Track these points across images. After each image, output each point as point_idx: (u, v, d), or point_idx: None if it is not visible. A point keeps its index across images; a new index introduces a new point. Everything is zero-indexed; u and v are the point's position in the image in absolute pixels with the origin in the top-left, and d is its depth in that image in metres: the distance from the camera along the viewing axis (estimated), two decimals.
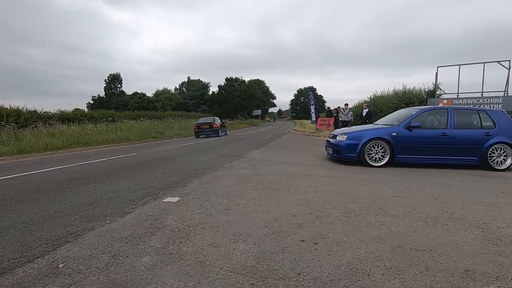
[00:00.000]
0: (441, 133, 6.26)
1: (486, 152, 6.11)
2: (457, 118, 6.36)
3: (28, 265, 2.08)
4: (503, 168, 6.08)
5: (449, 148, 6.24)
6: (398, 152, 6.31)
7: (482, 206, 3.46)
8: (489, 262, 2.10)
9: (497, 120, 6.29)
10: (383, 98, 15.75)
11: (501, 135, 6.14)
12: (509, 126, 6.25)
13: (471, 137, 6.24)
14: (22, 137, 11.48)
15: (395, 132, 6.36)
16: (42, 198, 3.86)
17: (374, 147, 6.37)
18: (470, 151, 6.21)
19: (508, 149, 6.09)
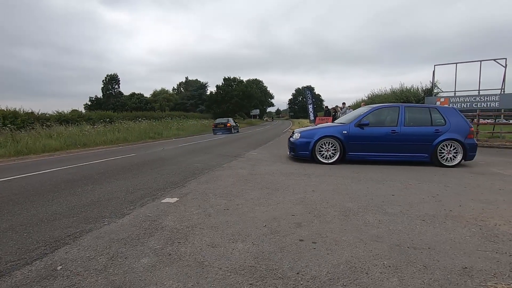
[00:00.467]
0: (391, 130, 6.39)
1: (435, 149, 6.23)
2: (407, 115, 6.50)
3: (26, 267, 2.07)
4: (453, 164, 6.21)
5: (399, 145, 6.37)
6: (349, 150, 6.49)
7: (480, 204, 3.48)
8: (487, 259, 2.11)
9: (448, 118, 6.39)
10: (381, 96, 15.80)
11: (451, 132, 6.25)
12: (459, 123, 6.36)
13: (420, 134, 6.35)
14: (19, 139, 11.42)
15: (346, 130, 6.53)
16: (40, 200, 3.84)
17: (325, 144, 6.55)
18: (420, 148, 6.33)
19: (458, 146, 6.21)
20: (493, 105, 11.83)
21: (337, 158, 6.48)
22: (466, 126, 6.36)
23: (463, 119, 6.45)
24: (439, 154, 6.25)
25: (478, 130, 12.20)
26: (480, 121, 12.76)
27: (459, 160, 6.21)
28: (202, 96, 60.17)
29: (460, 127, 6.33)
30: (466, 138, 6.25)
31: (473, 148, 6.33)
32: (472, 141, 6.34)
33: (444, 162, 6.23)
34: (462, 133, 6.26)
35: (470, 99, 12.27)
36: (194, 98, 60.33)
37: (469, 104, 12.27)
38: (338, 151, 6.48)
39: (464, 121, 6.43)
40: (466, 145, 6.18)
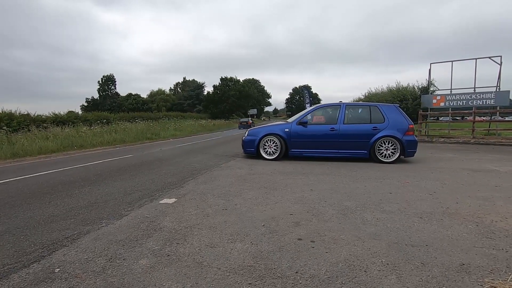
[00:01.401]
0: (330, 128, 6.70)
1: (373, 146, 6.45)
2: (347, 113, 6.83)
3: (24, 270, 2.05)
4: (391, 160, 6.38)
5: (338, 142, 6.66)
6: (291, 147, 6.88)
7: (476, 201, 3.50)
8: (484, 256, 2.13)
9: (387, 115, 6.58)
10: (378, 95, 15.87)
11: (389, 129, 6.44)
12: (398, 120, 6.52)
13: (359, 131, 6.62)
14: (15, 141, 11.32)
15: (288, 128, 6.92)
16: (37, 202, 3.82)
17: (268, 142, 6.97)
18: (359, 145, 6.58)
19: (396, 143, 6.38)
20: (488, 103, 11.90)
21: (278, 155, 6.86)
22: (405, 124, 6.50)
23: (402, 117, 6.59)
24: (378, 150, 6.46)
25: (474, 128, 12.30)
26: (476, 118, 12.85)
27: (396, 157, 6.39)
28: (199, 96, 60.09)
29: (399, 124, 6.50)
30: (405, 135, 6.40)
31: (412, 145, 6.43)
32: (411, 138, 6.46)
33: (382, 159, 6.43)
34: (400, 130, 6.43)
35: (466, 97, 12.34)
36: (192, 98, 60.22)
37: (465, 101, 12.34)
38: (279, 148, 6.85)
39: (404, 119, 6.57)
40: (404, 142, 6.35)
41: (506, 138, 11.37)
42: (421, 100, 13.11)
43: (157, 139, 17.17)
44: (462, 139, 11.79)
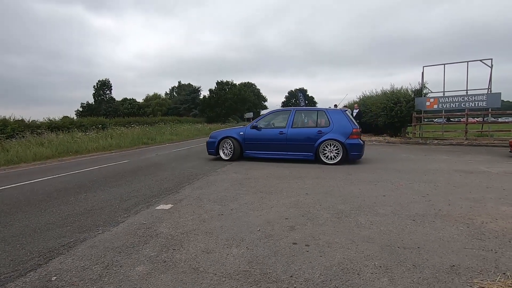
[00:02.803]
0: (279, 132, 7.23)
1: (318, 148, 6.81)
2: (296, 118, 7.33)
3: (20, 279, 2.06)
4: (334, 162, 6.68)
5: (286, 145, 7.13)
6: (246, 149, 7.54)
7: (468, 202, 3.58)
8: (473, 257, 2.19)
9: (332, 120, 6.95)
10: (372, 98, 16.01)
11: (333, 133, 6.78)
12: (342, 124, 6.85)
13: (305, 135, 7.08)
14: (9, 147, 11.23)
15: (243, 131, 7.60)
16: (32, 210, 3.81)
17: (225, 144, 7.65)
18: (305, 147, 6.99)
19: (339, 146, 6.68)
20: (481, 105, 12.09)
21: (232, 156, 7.52)
22: (349, 128, 6.79)
23: (347, 121, 6.92)
24: (322, 152, 6.80)
25: (467, 130, 12.47)
26: (469, 120, 13.04)
27: (339, 159, 6.66)
28: (195, 100, 60.06)
29: (343, 128, 6.81)
30: (348, 138, 6.69)
31: (355, 148, 6.70)
32: (355, 141, 6.71)
33: (326, 160, 6.76)
34: (344, 134, 6.73)
35: (458, 99, 12.52)
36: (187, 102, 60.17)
37: (458, 104, 12.53)
38: (233, 149, 7.50)
39: (348, 123, 6.89)
40: (346, 145, 6.63)
41: (498, 140, 11.54)
42: (415, 102, 13.27)
43: (153, 144, 17.13)
44: (456, 141, 11.95)
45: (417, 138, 13.19)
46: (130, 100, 56.79)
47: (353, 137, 6.73)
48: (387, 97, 14.27)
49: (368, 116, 15.33)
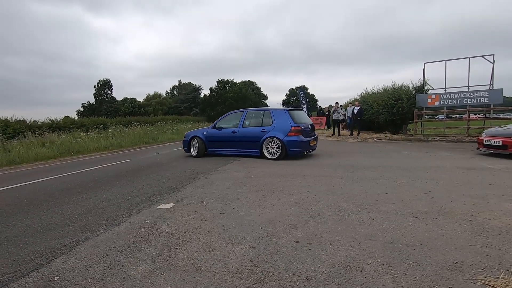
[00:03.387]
0: (232, 131, 8.11)
1: (262, 145, 7.54)
2: (246, 118, 8.14)
3: (23, 279, 2.07)
4: (274, 158, 7.34)
5: (238, 142, 8.00)
6: (208, 146, 8.49)
7: (470, 199, 3.56)
8: (477, 254, 2.18)
9: (275, 119, 7.58)
10: (373, 95, 15.94)
11: (274, 131, 7.40)
12: (283, 123, 7.41)
13: (251, 134, 7.83)
14: (11, 148, 11.26)
15: (206, 131, 8.58)
16: (35, 210, 3.82)
17: (194, 142, 8.59)
18: (252, 144, 7.76)
19: (279, 142, 7.29)
20: (482, 101, 12.03)
21: (198, 153, 8.46)
22: (288, 126, 7.29)
23: (288, 120, 7.41)
24: (266, 149, 7.50)
25: (469, 126, 12.41)
26: (471, 117, 12.98)
27: (278, 155, 7.31)
28: (196, 99, 60.01)
29: (283, 126, 7.34)
30: (287, 135, 7.24)
31: (293, 145, 7.21)
32: (293, 138, 7.22)
33: (268, 156, 7.44)
34: (283, 131, 7.29)
35: (460, 95, 12.46)
36: (188, 101, 60.12)
37: (459, 100, 12.47)
38: (198, 147, 8.46)
39: (288, 122, 7.37)
40: (285, 142, 7.20)
41: None
42: (416, 99, 13.21)
43: (154, 143, 17.15)
44: (458, 137, 11.90)
45: (419, 135, 13.15)
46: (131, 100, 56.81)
47: (291, 134, 7.24)
48: (388, 94, 14.21)
49: (370, 113, 15.27)
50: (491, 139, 7.31)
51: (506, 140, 6.92)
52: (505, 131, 7.34)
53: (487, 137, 7.47)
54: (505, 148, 6.89)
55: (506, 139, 6.93)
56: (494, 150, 7.17)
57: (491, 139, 7.31)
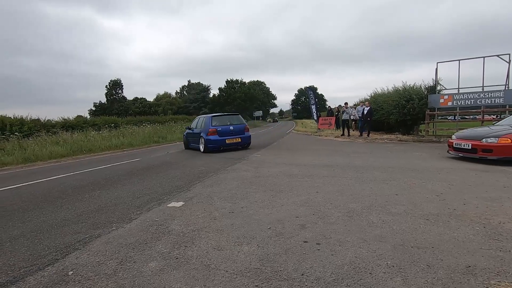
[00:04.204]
0: (193, 131, 11.02)
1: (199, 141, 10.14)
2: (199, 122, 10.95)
3: (39, 273, 2.13)
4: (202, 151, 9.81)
5: (195, 139, 10.63)
6: (188, 143, 11.51)
7: (484, 202, 3.48)
8: (490, 258, 2.13)
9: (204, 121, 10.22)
10: (384, 95, 15.71)
11: (203, 132, 9.96)
12: (207, 125, 9.96)
13: (196, 133, 10.52)
14: (26, 146, 11.60)
15: (186, 131, 11.85)
16: (49, 206, 3.93)
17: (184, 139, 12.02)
18: (199, 141, 10.17)
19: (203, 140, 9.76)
20: (497, 101, 11.70)
21: (185, 148, 11.77)
22: (208, 127, 9.79)
23: (210, 122, 9.87)
24: (201, 144, 10.01)
25: None
26: (485, 117, 12.65)
27: (204, 149, 9.75)
28: (205, 99, 60.45)
29: (206, 127, 9.89)
30: (207, 135, 9.69)
31: (210, 142, 9.62)
32: (210, 137, 9.63)
33: (201, 150, 9.93)
34: (206, 131, 9.79)
35: (474, 96, 12.15)
36: (197, 101, 60.62)
37: (473, 100, 12.16)
38: (184, 142, 11.99)
39: (209, 123, 9.82)
40: (205, 140, 9.67)
41: None
42: (428, 99, 12.96)
43: (164, 143, 17.36)
44: None
45: (430, 136, 12.89)
46: (141, 100, 57.70)
47: (210, 134, 9.67)
48: (399, 94, 13.98)
49: (380, 113, 15.06)
50: (461, 141, 6.78)
51: (475, 143, 6.40)
52: (474, 133, 6.86)
53: (457, 140, 6.97)
54: (474, 152, 6.40)
55: (475, 142, 6.41)
56: (464, 154, 6.68)
57: (461, 141, 6.78)
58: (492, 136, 6.21)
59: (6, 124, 14.38)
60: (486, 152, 6.20)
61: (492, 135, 6.26)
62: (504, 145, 6.00)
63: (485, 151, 6.21)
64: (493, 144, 6.10)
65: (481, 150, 6.26)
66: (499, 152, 6.02)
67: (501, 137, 6.08)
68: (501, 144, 6.02)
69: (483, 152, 6.23)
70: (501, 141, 6.04)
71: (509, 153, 5.96)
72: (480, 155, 6.30)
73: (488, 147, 6.16)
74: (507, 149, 5.99)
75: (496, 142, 6.07)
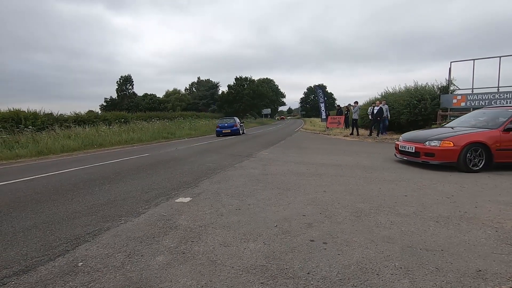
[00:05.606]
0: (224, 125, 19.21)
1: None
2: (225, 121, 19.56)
3: (50, 263, 2.19)
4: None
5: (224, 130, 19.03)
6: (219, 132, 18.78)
7: (497, 205, 3.39)
8: (502, 263, 2.08)
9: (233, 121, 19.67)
10: (395, 95, 15.46)
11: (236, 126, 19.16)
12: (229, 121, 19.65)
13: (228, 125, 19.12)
14: (40, 139, 11.88)
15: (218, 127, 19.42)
16: (61, 199, 4.02)
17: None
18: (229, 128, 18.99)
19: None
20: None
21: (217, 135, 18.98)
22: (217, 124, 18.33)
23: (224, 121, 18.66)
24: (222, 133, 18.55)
25: None
26: None
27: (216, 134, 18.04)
28: (214, 96, 60.59)
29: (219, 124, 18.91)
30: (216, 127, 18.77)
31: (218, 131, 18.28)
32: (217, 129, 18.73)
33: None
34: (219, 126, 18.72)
35: (489, 96, 11.84)
36: (206, 98, 60.81)
37: (488, 101, 11.85)
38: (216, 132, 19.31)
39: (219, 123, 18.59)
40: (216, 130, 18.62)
41: None
42: (440, 100, 12.69)
43: (173, 138, 17.53)
44: None
45: None
46: (151, 96, 58.23)
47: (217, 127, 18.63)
48: (411, 94, 13.74)
49: (390, 113, 14.83)
50: (406, 144, 6.29)
51: (419, 146, 5.90)
52: (419, 135, 6.33)
53: (403, 142, 6.46)
54: (417, 156, 5.91)
55: (419, 145, 5.91)
56: (408, 157, 6.20)
57: (406, 144, 6.29)
58: (436, 139, 5.71)
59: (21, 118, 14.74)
60: (428, 156, 5.70)
61: (435, 138, 5.75)
62: (445, 149, 5.50)
63: (427, 155, 5.71)
64: (435, 148, 5.61)
65: (423, 154, 5.77)
66: (440, 157, 5.53)
67: (444, 140, 5.59)
68: (442, 148, 5.52)
69: (426, 156, 5.74)
70: (443, 145, 5.53)
71: (451, 157, 5.45)
72: (422, 159, 5.81)
73: (431, 150, 5.65)
74: (448, 153, 5.47)
75: (438, 146, 5.58)
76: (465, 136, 5.54)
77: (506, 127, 5.50)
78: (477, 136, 5.50)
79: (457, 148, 5.39)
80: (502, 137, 5.43)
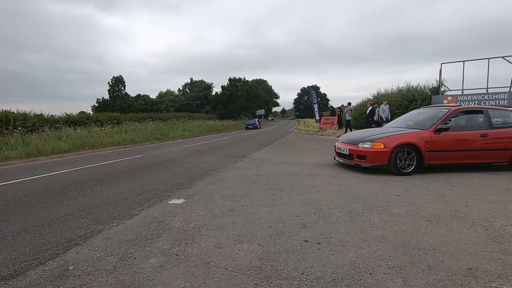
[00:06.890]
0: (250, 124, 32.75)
1: None
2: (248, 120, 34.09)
3: (40, 267, 2.14)
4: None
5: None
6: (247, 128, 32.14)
7: (486, 204, 3.45)
8: (492, 261, 2.11)
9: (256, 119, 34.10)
10: (387, 96, 15.66)
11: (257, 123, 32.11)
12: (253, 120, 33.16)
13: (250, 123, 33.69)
14: (30, 141, 11.65)
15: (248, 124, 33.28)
16: (51, 201, 3.94)
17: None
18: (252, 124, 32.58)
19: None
20: (502, 103, 11.62)
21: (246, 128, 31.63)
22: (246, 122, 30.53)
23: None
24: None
25: None
26: None
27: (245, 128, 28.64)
28: (207, 97, 60.38)
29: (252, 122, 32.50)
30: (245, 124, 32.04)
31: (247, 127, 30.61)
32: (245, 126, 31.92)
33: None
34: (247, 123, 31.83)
35: (478, 97, 12.08)
36: (200, 99, 60.56)
37: (477, 102, 12.08)
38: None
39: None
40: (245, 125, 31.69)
41: None
42: (431, 101, 12.90)
43: (166, 140, 17.39)
44: None
45: None
46: (144, 96, 57.78)
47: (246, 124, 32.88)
48: (403, 95, 13.95)
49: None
50: (342, 146, 5.95)
51: (352, 148, 5.58)
52: (355, 136, 6.03)
53: (340, 144, 6.13)
54: (351, 158, 5.58)
55: (352, 147, 5.59)
56: (343, 160, 5.86)
57: (342, 146, 5.95)
58: (368, 140, 5.40)
59: (10, 119, 14.45)
60: (360, 158, 5.40)
61: (368, 139, 5.44)
62: (376, 151, 5.21)
63: (359, 158, 5.41)
64: (366, 150, 5.32)
65: (356, 156, 5.47)
66: (371, 159, 5.25)
67: (375, 141, 5.27)
68: (373, 150, 5.23)
69: (358, 158, 5.44)
70: (374, 146, 5.23)
71: (381, 160, 5.16)
72: (355, 162, 5.50)
73: (362, 153, 5.36)
74: (379, 156, 5.17)
75: (370, 148, 5.28)
76: (396, 137, 5.27)
77: (437, 127, 5.26)
78: (407, 137, 5.24)
79: (387, 150, 5.12)
80: (433, 138, 5.20)
